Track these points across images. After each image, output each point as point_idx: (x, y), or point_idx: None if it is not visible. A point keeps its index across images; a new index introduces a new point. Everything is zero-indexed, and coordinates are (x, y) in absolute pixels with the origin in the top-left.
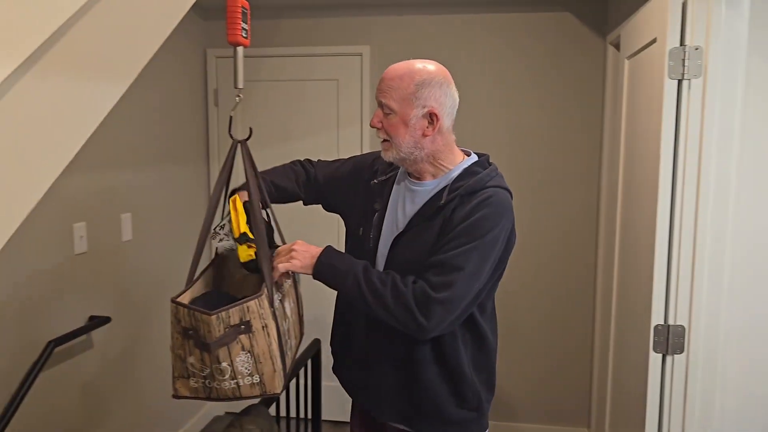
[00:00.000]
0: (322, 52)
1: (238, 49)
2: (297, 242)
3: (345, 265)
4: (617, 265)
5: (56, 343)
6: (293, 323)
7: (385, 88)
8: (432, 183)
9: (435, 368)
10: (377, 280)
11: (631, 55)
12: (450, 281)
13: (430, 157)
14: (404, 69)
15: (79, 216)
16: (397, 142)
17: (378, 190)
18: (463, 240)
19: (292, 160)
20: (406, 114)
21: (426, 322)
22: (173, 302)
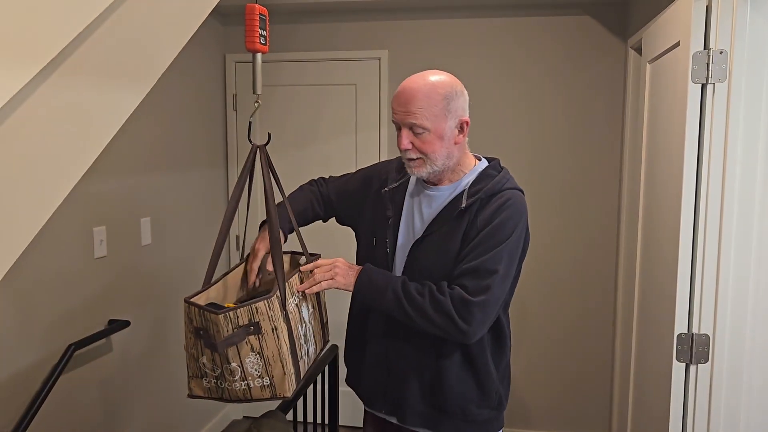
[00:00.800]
0: (341, 57)
1: (257, 56)
2: (338, 260)
3: (383, 280)
4: (639, 271)
5: (77, 346)
6: (314, 329)
7: (414, 110)
8: (448, 187)
9: (461, 367)
10: (415, 292)
11: (653, 59)
12: (486, 285)
13: (454, 164)
14: (425, 86)
15: (99, 220)
16: (433, 157)
17: (389, 198)
18: (490, 243)
19: (308, 181)
20: (441, 129)
21: (467, 326)
22: (186, 302)
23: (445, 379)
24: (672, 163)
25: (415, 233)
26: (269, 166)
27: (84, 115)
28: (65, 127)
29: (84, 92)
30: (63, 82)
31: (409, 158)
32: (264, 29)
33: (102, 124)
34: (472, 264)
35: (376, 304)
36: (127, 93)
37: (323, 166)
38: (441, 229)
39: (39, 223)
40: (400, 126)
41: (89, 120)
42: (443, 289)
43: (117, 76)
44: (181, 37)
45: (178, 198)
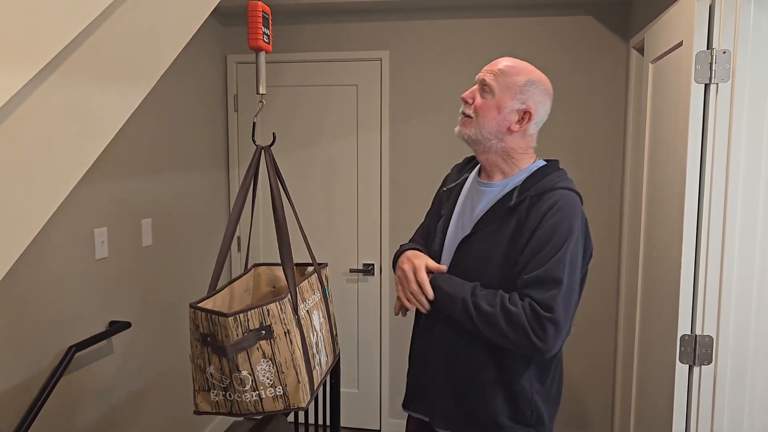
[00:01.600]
0: (342, 58)
1: (260, 55)
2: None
3: (453, 289)
4: (641, 272)
5: (77, 347)
6: (324, 339)
7: (496, 71)
8: (501, 184)
9: (492, 376)
10: (486, 303)
11: (655, 59)
12: (553, 296)
13: (505, 152)
14: (523, 65)
15: (100, 221)
16: (481, 122)
17: (446, 196)
18: (548, 250)
19: (411, 243)
20: (504, 101)
21: (542, 344)
22: (192, 307)
23: (475, 385)
24: (675, 163)
25: (465, 230)
26: (274, 167)
27: (84, 116)
28: (65, 128)
29: (84, 92)
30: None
31: (463, 112)
32: (267, 27)
33: (102, 125)
34: (534, 274)
35: (447, 313)
36: (128, 93)
37: (325, 167)
38: (489, 226)
39: (39, 224)
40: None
41: (89, 120)
42: (514, 300)
43: (117, 77)
44: (182, 37)
45: (180, 199)
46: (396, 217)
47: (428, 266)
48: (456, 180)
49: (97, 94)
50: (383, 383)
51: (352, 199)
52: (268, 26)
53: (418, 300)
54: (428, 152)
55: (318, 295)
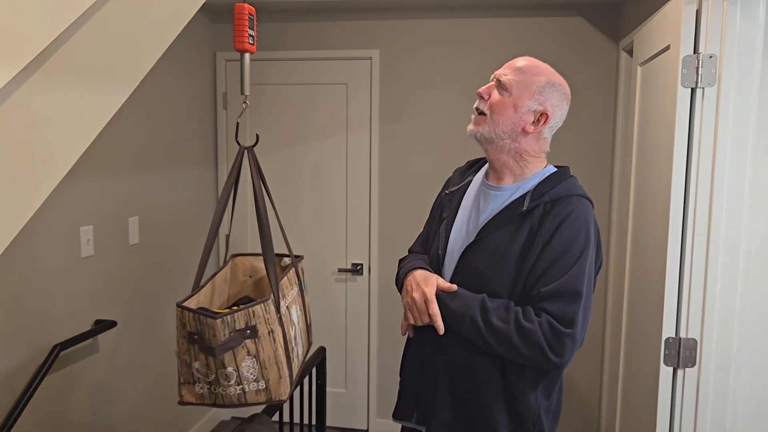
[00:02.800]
0: (332, 56)
1: (245, 56)
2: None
3: (460, 305)
4: (628, 275)
5: (62, 346)
6: (301, 331)
7: (515, 70)
8: (511, 187)
9: (496, 387)
10: (497, 319)
11: (644, 62)
12: (573, 310)
13: (517, 153)
14: (543, 65)
15: (85, 219)
16: (496, 119)
17: (448, 200)
18: (566, 261)
19: (413, 254)
20: (521, 100)
21: (558, 359)
22: (179, 306)
23: (478, 395)
24: (661, 167)
25: (470, 234)
26: (257, 168)
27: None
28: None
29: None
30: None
31: (477, 108)
32: (252, 29)
33: (84, 125)
34: (552, 286)
35: (457, 330)
36: (110, 94)
37: (314, 166)
38: (497, 231)
39: (19, 224)
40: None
41: (71, 121)
42: (530, 315)
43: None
44: (165, 38)
45: (167, 197)
46: (385, 217)
47: (439, 286)
48: (458, 183)
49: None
50: (371, 383)
51: (341, 198)
52: (253, 27)
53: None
54: (419, 152)
55: (296, 290)
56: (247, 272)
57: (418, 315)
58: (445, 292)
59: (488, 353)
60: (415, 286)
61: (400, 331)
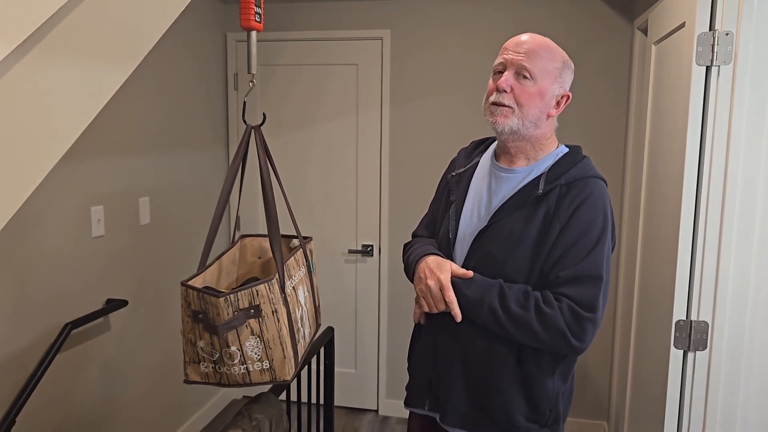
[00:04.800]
0: (342, 36)
1: (252, 34)
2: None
3: (477, 292)
4: (639, 256)
5: (73, 325)
6: (308, 312)
7: (531, 54)
8: (524, 170)
9: (513, 372)
10: (516, 305)
11: (658, 41)
12: (594, 294)
13: (536, 139)
14: (547, 41)
15: (96, 200)
16: (525, 112)
17: (455, 182)
18: (584, 244)
19: (419, 239)
20: (546, 87)
21: (580, 344)
22: (183, 285)
23: (494, 381)
24: (674, 146)
25: (481, 218)
26: (264, 147)
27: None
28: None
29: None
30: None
31: (500, 103)
32: (259, 6)
33: (84, 102)
34: (571, 271)
35: (473, 318)
36: (111, 71)
37: (324, 147)
38: (513, 215)
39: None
40: (504, 68)
41: (71, 97)
42: (550, 301)
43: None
44: (169, 14)
45: (178, 177)
46: (396, 198)
47: (453, 272)
48: (465, 165)
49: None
50: (381, 364)
51: (351, 179)
52: (260, 4)
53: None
54: (430, 133)
55: (303, 270)
56: (255, 253)
57: (434, 303)
58: (460, 278)
59: (503, 339)
60: (428, 273)
61: (410, 315)
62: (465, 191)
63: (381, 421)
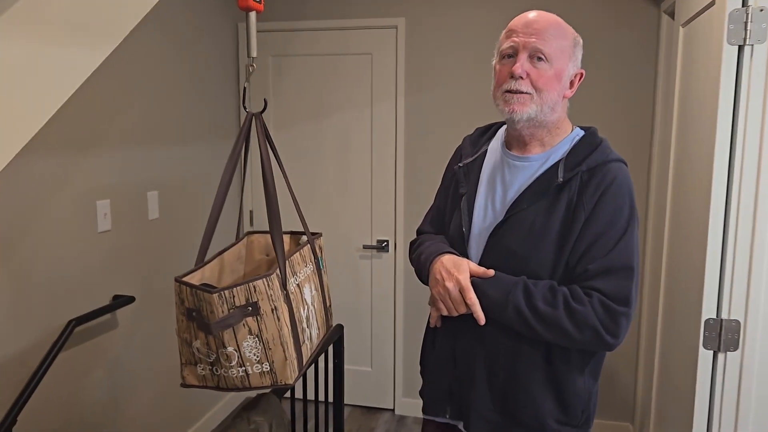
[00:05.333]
0: (356, 25)
1: (251, 15)
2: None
3: (500, 291)
4: (666, 249)
5: (77, 322)
6: (317, 312)
7: (543, 34)
8: (540, 157)
9: (543, 374)
10: (543, 304)
11: (686, 22)
12: (626, 287)
13: (553, 124)
14: (556, 18)
15: (102, 193)
16: (545, 97)
17: (463, 173)
18: (613, 233)
19: (427, 236)
20: (562, 68)
21: (614, 340)
22: (177, 281)
23: (521, 384)
24: (704, 133)
25: (497, 212)
26: (266, 135)
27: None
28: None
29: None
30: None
31: (516, 90)
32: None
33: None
34: (601, 262)
35: (497, 319)
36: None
37: (338, 140)
38: (531, 206)
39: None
40: (515, 52)
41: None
42: (579, 296)
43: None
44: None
45: (188, 170)
46: (411, 192)
47: (472, 271)
48: (473, 154)
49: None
50: (397, 362)
51: (365, 172)
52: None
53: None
54: (446, 124)
55: (311, 267)
56: (263, 250)
57: (454, 306)
58: (480, 277)
59: (530, 338)
60: (446, 274)
61: (427, 313)
62: (476, 183)
63: (398, 421)
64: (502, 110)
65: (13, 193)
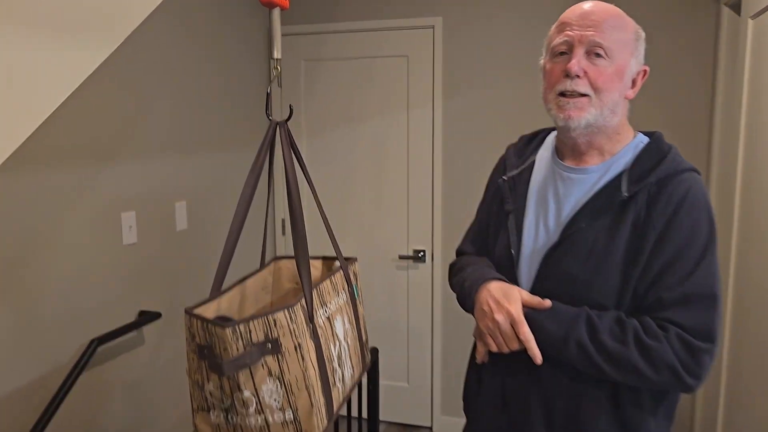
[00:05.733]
0: (390, 26)
1: (274, 12)
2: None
3: (559, 325)
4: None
5: (100, 341)
6: (350, 349)
7: (602, 26)
8: (599, 168)
9: (607, 414)
10: (611, 339)
11: (756, 14)
12: (709, 318)
13: (613, 129)
14: (617, 10)
15: (128, 205)
16: (605, 98)
17: (509, 187)
18: (690, 255)
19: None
20: (624, 64)
21: (696, 381)
22: (187, 313)
23: (584, 428)
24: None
25: (550, 231)
26: (291, 145)
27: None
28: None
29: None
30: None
31: (572, 91)
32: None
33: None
34: (678, 291)
35: (555, 355)
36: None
37: (372, 146)
38: (591, 225)
39: None
40: (569, 48)
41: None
42: (653, 330)
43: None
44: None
45: (218, 179)
46: (450, 199)
47: (525, 301)
48: (518, 165)
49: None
50: (435, 377)
51: (401, 180)
52: None
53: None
54: (486, 129)
55: (343, 297)
56: (293, 278)
57: (505, 342)
58: (535, 309)
59: (594, 377)
60: (494, 304)
61: (467, 324)
62: (524, 198)
63: None
64: (555, 116)
65: (33, 206)
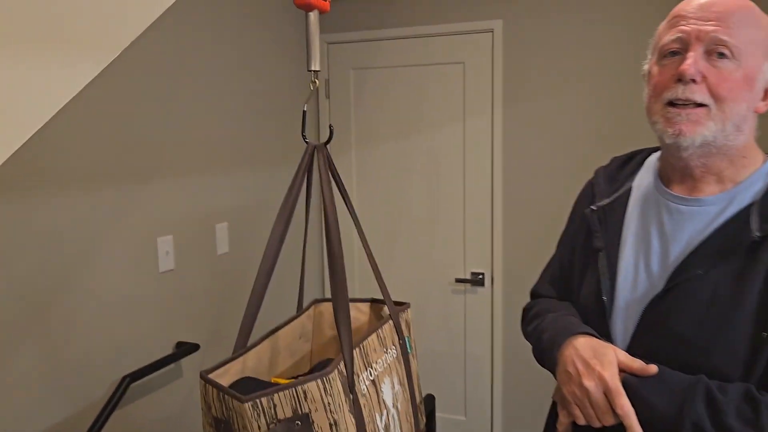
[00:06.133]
0: (445, 31)
1: (311, 15)
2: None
3: (669, 399)
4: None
5: (132, 377)
6: (400, 416)
7: (727, 20)
8: (719, 199)
9: None
10: (739, 422)
11: None
12: None
13: (739, 151)
14: (744, 2)
15: (165, 229)
16: (729, 109)
17: (599, 219)
18: None
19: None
20: (755, 69)
21: None
22: (202, 378)
23: None
24: None
25: (654, 277)
26: (331, 171)
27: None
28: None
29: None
30: None
31: (685, 100)
32: None
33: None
34: None
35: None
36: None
37: (426, 160)
38: (710, 271)
39: None
40: (684, 46)
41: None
42: None
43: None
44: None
45: (261, 199)
46: (511, 218)
47: (622, 364)
48: (611, 193)
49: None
50: (495, 410)
51: (458, 197)
52: None
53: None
54: (550, 142)
55: (393, 353)
56: (331, 325)
57: (596, 414)
58: (636, 375)
59: None
60: (583, 367)
61: (530, 352)
62: (618, 233)
63: None
64: (662, 132)
65: (62, 233)
